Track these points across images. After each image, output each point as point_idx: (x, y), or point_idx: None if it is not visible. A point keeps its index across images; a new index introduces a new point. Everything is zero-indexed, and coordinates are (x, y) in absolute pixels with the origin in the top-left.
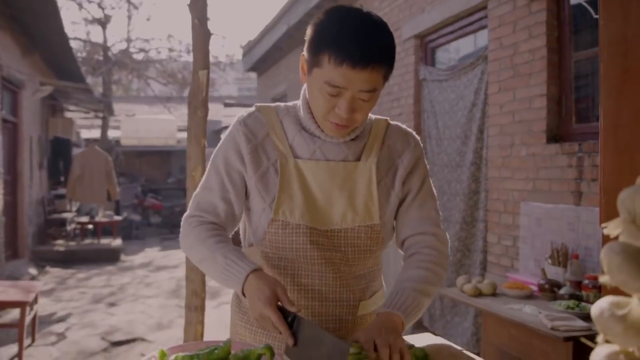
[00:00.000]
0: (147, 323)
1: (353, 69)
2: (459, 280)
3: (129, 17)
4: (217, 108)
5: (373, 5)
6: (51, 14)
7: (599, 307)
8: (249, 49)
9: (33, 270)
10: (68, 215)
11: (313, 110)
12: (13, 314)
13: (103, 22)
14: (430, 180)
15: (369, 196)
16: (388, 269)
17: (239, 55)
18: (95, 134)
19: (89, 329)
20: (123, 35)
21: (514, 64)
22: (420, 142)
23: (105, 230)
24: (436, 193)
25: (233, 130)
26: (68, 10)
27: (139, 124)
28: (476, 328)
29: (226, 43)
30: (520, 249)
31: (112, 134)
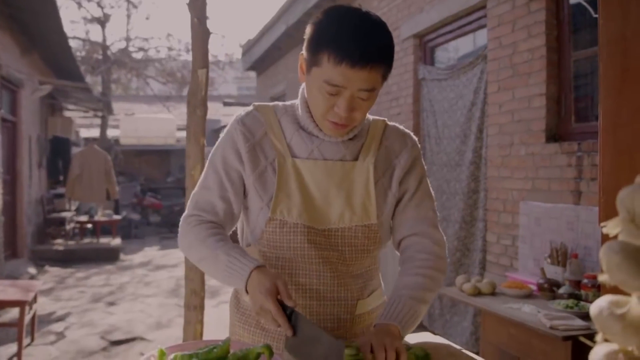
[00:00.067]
0: (147, 322)
1: (352, 68)
2: (458, 279)
3: (128, 16)
4: (216, 107)
5: (372, 4)
6: (50, 13)
7: (598, 306)
8: (248, 48)
9: (32, 270)
10: (67, 214)
11: (312, 109)
12: (12, 313)
13: (102, 21)
14: (428, 181)
15: (367, 196)
16: (387, 268)
17: (238, 54)
18: (95, 133)
19: (88, 328)
20: (122, 34)
21: (513, 64)
22: (417, 143)
23: (104, 229)
24: (435, 192)
25: (231, 129)
26: (67, 9)
27: (138, 123)
28: (475, 327)
29: (225, 42)
30: (520, 248)
31: (111, 133)
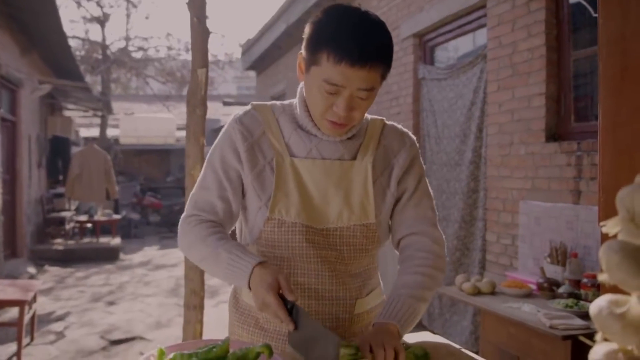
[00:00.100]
0: (146, 322)
1: (352, 67)
2: (458, 278)
3: (128, 16)
4: (216, 107)
5: (371, 4)
6: (50, 12)
7: (597, 306)
8: (248, 48)
9: (32, 269)
10: (67, 214)
11: (310, 108)
12: (12, 313)
13: (102, 21)
14: (427, 180)
15: (365, 195)
16: (386, 268)
17: (238, 53)
18: (94, 132)
19: (88, 327)
20: (122, 33)
21: (513, 63)
22: (416, 142)
23: (104, 229)
24: (435, 192)
25: (229, 129)
26: (67, 8)
27: (138, 122)
28: (475, 327)
29: (225, 41)
30: (519, 248)
31: (111, 132)
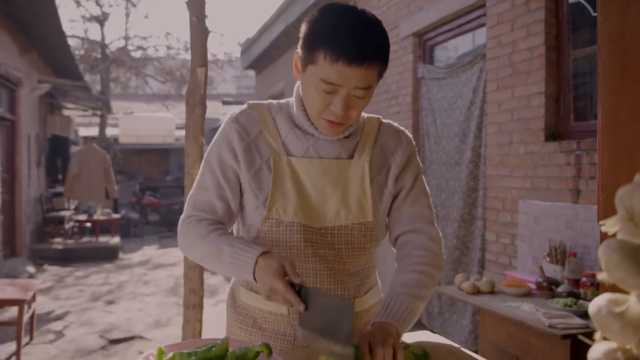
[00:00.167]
0: (146, 321)
1: (349, 66)
2: (457, 278)
3: (127, 15)
4: (215, 106)
5: (371, 3)
6: (49, 11)
7: (596, 305)
8: (247, 47)
9: (31, 269)
10: (66, 213)
11: (307, 107)
12: (11, 312)
13: (101, 20)
14: (423, 178)
15: (362, 194)
16: (385, 267)
17: (237, 53)
18: (94, 131)
19: (87, 327)
20: (121, 32)
21: (513, 62)
22: (412, 140)
23: (103, 228)
24: (434, 191)
25: (226, 128)
26: (66, 7)
27: (137, 121)
28: (474, 326)
29: (224, 41)
30: (519, 247)
31: (110, 131)
